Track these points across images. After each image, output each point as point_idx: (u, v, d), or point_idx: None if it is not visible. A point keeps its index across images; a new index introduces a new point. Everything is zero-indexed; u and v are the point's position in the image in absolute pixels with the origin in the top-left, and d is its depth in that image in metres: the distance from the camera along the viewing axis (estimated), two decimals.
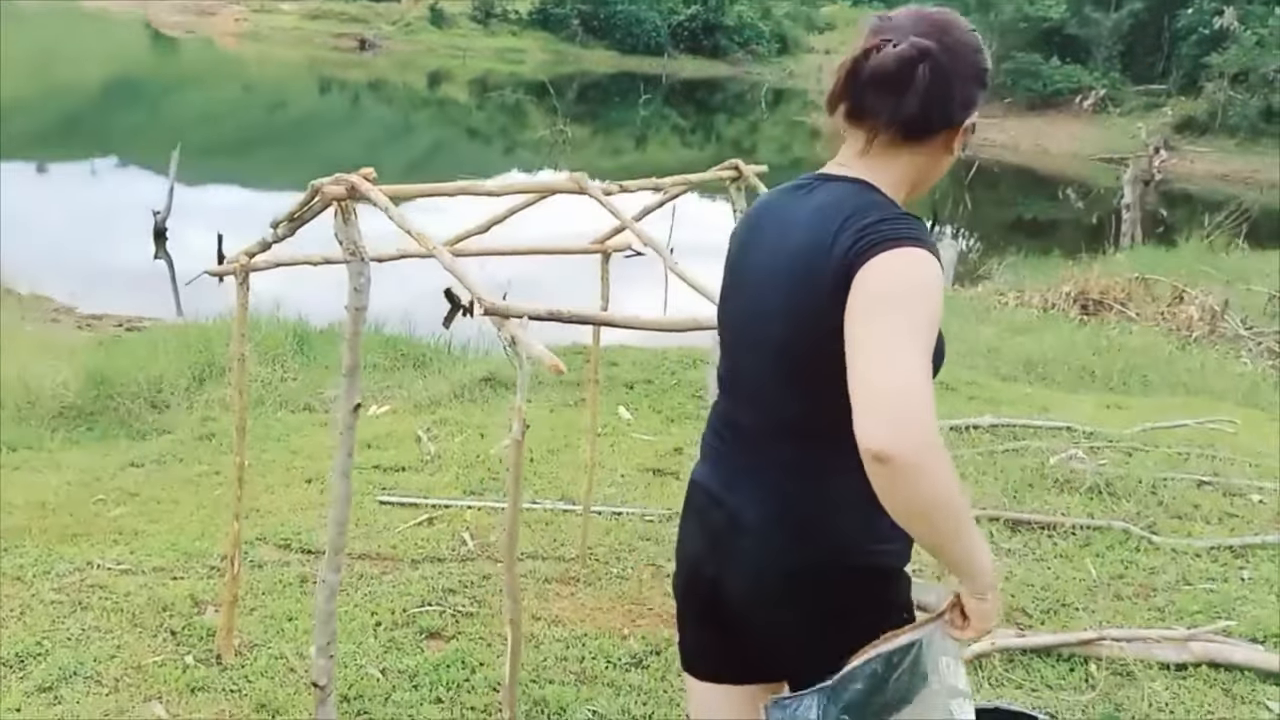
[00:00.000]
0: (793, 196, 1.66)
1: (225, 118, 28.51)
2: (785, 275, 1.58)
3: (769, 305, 1.61)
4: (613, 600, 3.64)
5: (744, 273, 1.70)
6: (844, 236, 1.50)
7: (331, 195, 2.29)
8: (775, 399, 1.63)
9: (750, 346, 1.66)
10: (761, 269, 1.64)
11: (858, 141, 1.62)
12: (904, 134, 1.58)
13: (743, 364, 1.69)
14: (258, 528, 4.00)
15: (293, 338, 7.17)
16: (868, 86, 1.57)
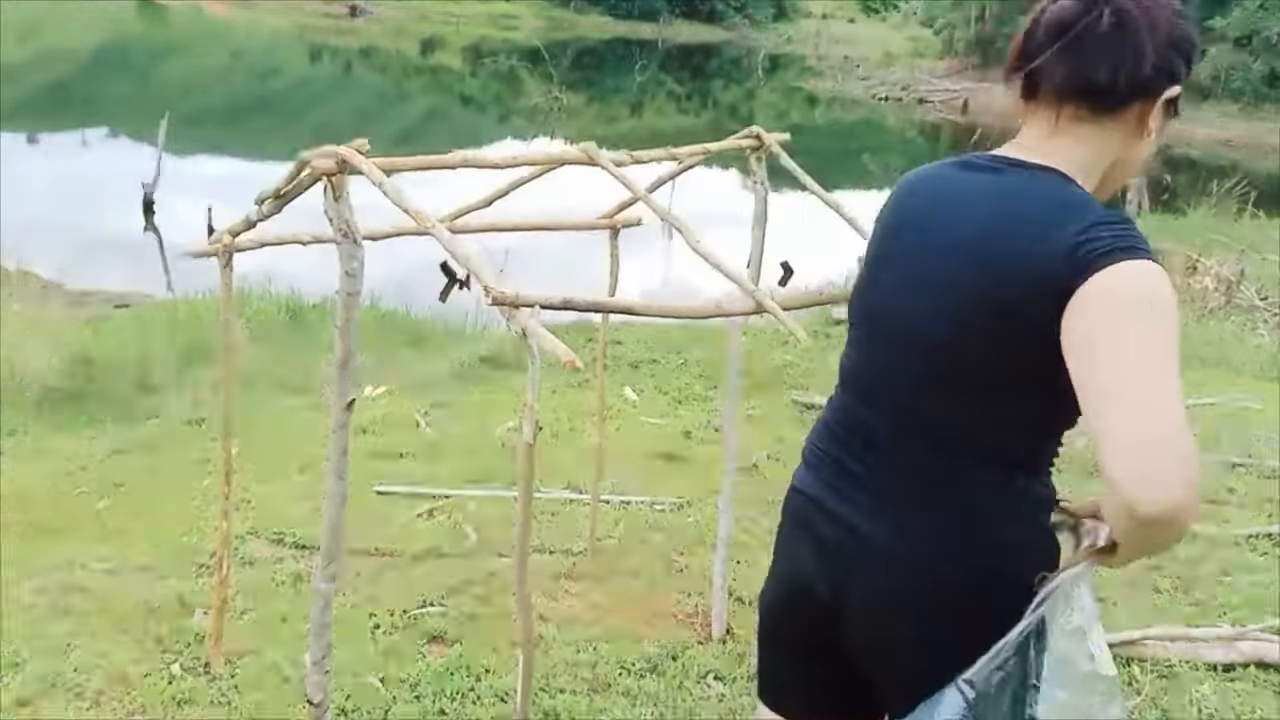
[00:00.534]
0: (967, 179, 1.44)
1: (214, 86, 28.08)
2: (964, 269, 1.36)
3: (935, 300, 1.39)
4: (625, 598, 3.44)
5: (898, 259, 1.47)
6: (1058, 237, 1.28)
7: (321, 169, 2.06)
8: (926, 403, 1.42)
9: (899, 342, 1.44)
10: (926, 258, 1.42)
11: (1041, 121, 1.41)
12: (1091, 105, 1.37)
13: (884, 361, 1.47)
14: (249, 521, 3.80)
15: (285, 313, 6.96)
16: (1044, 45, 1.37)
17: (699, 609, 3.41)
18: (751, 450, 4.59)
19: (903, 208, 1.50)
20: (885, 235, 1.51)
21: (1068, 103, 1.38)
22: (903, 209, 1.50)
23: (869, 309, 1.51)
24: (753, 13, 48.84)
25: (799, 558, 1.57)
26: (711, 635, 3.27)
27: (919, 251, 1.43)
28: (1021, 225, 1.32)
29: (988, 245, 1.34)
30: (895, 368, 1.44)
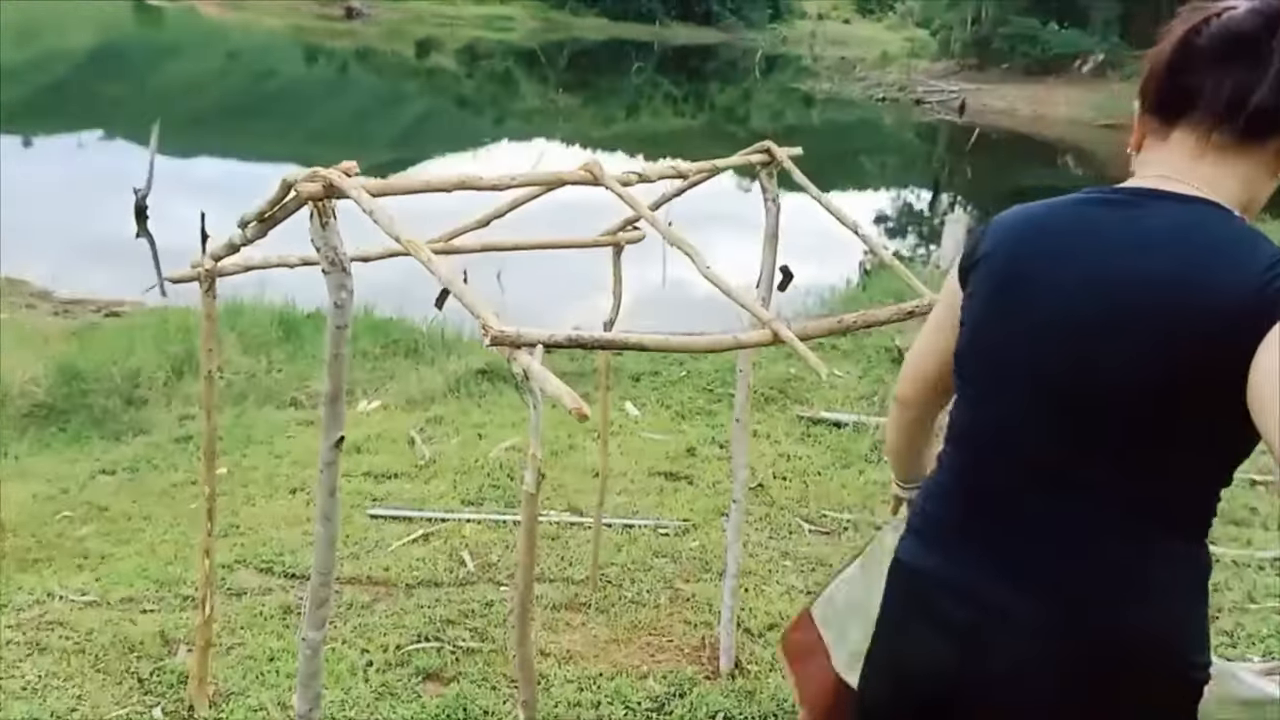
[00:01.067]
0: (1111, 216, 1.27)
1: (210, 88, 27.93)
2: (1127, 313, 1.21)
3: (1094, 349, 1.23)
4: (628, 630, 3.30)
5: (1039, 305, 1.28)
6: (1244, 274, 1.15)
7: (306, 194, 1.92)
8: (1083, 461, 1.25)
9: (1050, 395, 1.27)
10: (1076, 302, 1.25)
11: (1182, 147, 1.27)
12: (1246, 131, 1.23)
13: (1027, 417, 1.30)
14: (236, 548, 3.65)
15: (277, 325, 6.81)
16: (1206, 60, 1.22)
17: (706, 641, 3.27)
18: (756, 468, 4.45)
19: (1031, 249, 1.31)
20: (1011, 281, 1.32)
21: (1221, 127, 1.23)
22: (1031, 251, 1.31)
23: (999, 362, 1.33)
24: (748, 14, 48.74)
25: (918, 643, 1.39)
26: (719, 670, 3.13)
27: (1070, 297, 1.26)
28: (1198, 263, 1.18)
29: (1163, 285, 1.19)
30: (1042, 424, 1.28)
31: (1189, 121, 1.25)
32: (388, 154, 20.06)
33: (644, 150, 22.35)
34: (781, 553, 3.88)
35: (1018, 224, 1.34)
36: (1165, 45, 1.26)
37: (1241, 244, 1.18)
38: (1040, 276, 1.29)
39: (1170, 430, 1.20)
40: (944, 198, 18.68)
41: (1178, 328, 1.17)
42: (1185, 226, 1.21)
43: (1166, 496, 1.24)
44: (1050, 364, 1.26)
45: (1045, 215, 1.33)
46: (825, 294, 9.48)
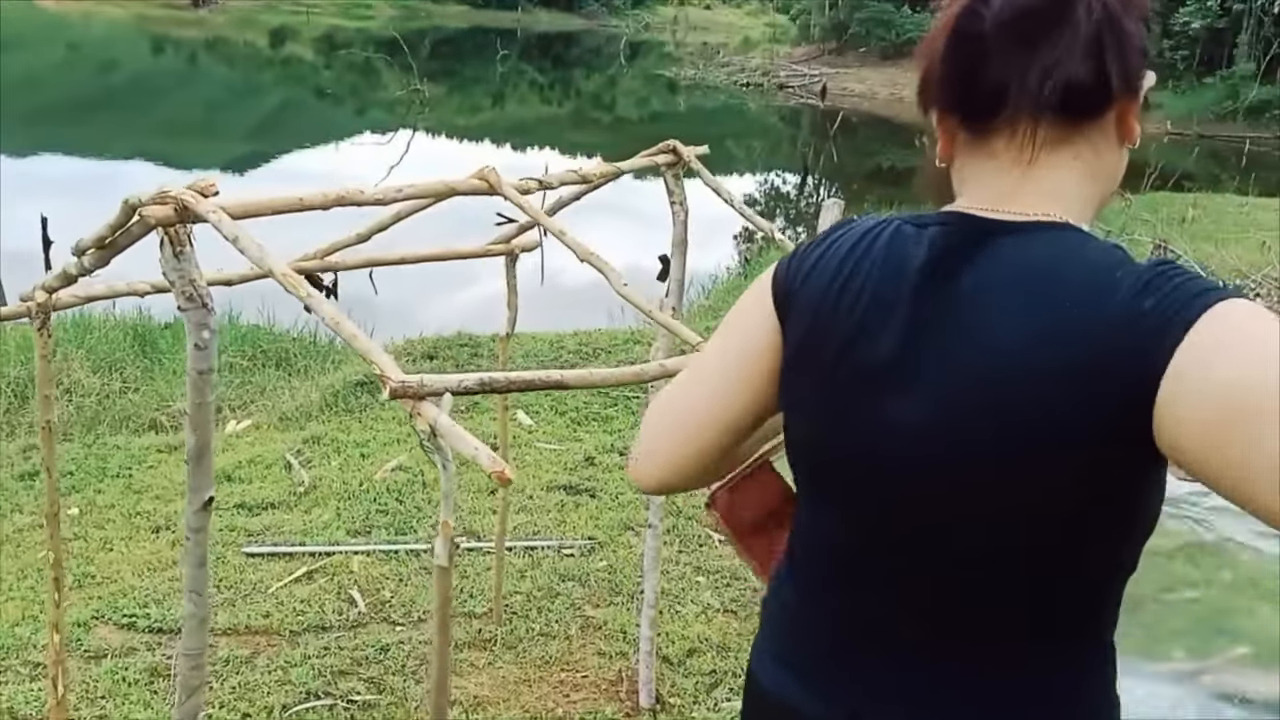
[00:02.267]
0: (949, 268, 0.99)
1: (50, 81, 26.37)
2: (1009, 391, 0.92)
3: (974, 440, 0.95)
4: (539, 668, 3.06)
5: (874, 384, 1.01)
6: (1119, 316, 0.88)
7: (156, 219, 1.62)
8: (972, 574, 1.00)
9: (912, 498, 1.00)
10: (937, 385, 0.97)
11: (1006, 153, 1.01)
12: (1074, 114, 0.98)
13: (892, 527, 1.03)
14: (94, 602, 3.27)
15: (131, 339, 6.30)
16: (1004, 46, 0.97)
17: (622, 674, 3.05)
18: None
19: (852, 301, 1.02)
20: (835, 344, 1.03)
21: (1046, 117, 0.98)
22: (853, 303, 1.02)
23: (841, 456, 1.05)
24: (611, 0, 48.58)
25: None
26: (639, 705, 2.92)
27: (909, 372, 0.98)
28: (1061, 314, 0.91)
29: (1028, 351, 0.91)
30: (912, 534, 1.01)
31: (1005, 121, 1.00)
32: (244, 146, 19.22)
33: (512, 139, 21.99)
34: (694, 568, 3.69)
35: (830, 264, 1.06)
36: (943, 38, 1.01)
37: (1104, 271, 0.92)
38: (880, 348, 1.00)
39: (1075, 525, 0.96)
40: (810, 180, 18.86)
41: (1057, 400, 0.90)
42: (1042, 268, 0.95)
43: (1078, 600, 1.02)
44: (918, 475, 0.99)
45: (861, 254, 1.04)
46: (706, 283, 9.36)
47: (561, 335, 6.44)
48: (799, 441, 1.10)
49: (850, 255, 1.05)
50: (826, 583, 1.11)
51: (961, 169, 1.06)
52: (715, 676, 3.05)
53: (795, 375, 1.08)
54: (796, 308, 1.07)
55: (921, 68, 1.05)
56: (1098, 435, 0.89)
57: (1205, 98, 23.86)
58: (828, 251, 1.07)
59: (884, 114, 27.69)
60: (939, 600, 1.02)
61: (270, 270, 1.56)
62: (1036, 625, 1.01)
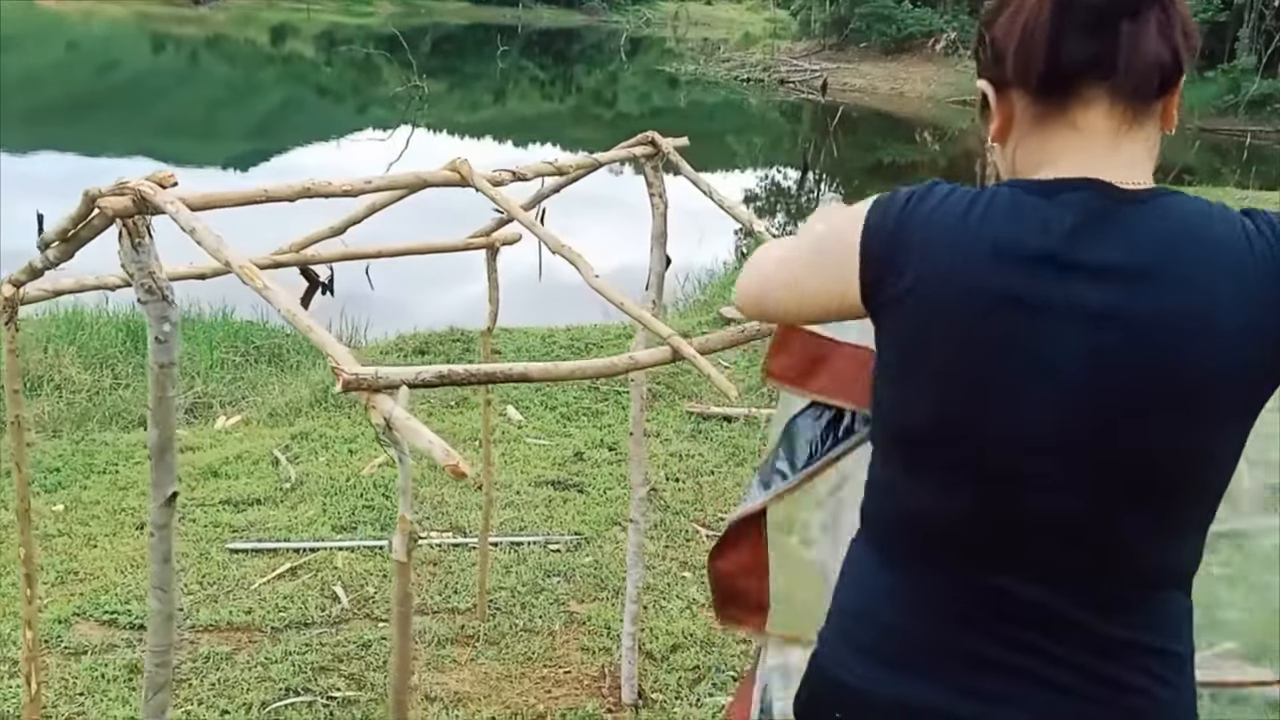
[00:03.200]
0: (1102, 233, 0.99)
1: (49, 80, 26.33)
2: (1146, 362, 0.97)
3: (1118, 409, 0.98)
4: (522, 663, 3.04)
5: (1034, 363, 0.99)
6: (1254, 256, 0.97)
7: (114, 210, 1.60)
8: (1117, 548, 1.02)
9: (1066, 473, 1.00)
10: (1068, 358, 0.98)
11: (1096, 126, 1.03)
12: (1146, 98, 1.04)
13: (1033, 503, 1.02)
14: (76, 599, 3.26)
15: (123, 335, 6.28)
16: (1096, 21, 1.00)
17: (606, 670, 3.03)
18: (649, 471, 4.22)
19: (993, 263, 1.00)
20: (979, 308, 1.00)
21: (1136, 95, 1.03)
22: (995, 266, 1.00)
23: (978, 437, 1.02)
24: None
25: None
26: (622, 701, 2.91)
27: (1060, 354, 0.99)
28: (1204, 280, 0.96)
29: (1175, 316, 0.97)
30: (1069, 509, 1.01)
31: (1094, 96, 1.03)
32: (245, 144, 19.20)
33: (513, 135, 21.97)
34: (680, 563, 3.67)
35: (955, 241, 1.02)
36: (1035, 11, 1.02)
37: (1226, 222, 1.00)
38: (1000, 346, 1.00)
39: (1213, 492, 1.04)
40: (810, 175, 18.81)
41: (1210, 376, 0.97)
42: (1176, 230, 0.99)
43: (1196, 553, 1.08)
44: (1067, 445, 1.00)
45: (996, 227, 1.01)
46: (703, 278, 9.32)
47: (554, 330, 6.42)
48: (917, 408, 1.06)
49: (970, 215, 1.02)
50: (949, 564, 1.08)
51: (1027, 143, 1.07)
52: (699, 672, 3.03)
53: (919, 338, 1.04)
54: (913, 265, 1.03)
55: (1000, 39, 1.06)
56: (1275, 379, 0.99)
57: (1206, 91, 23.77)
58: (938, 208, 1.04)
59: (884, 109, 27.62)
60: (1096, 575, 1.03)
61: (227, 262, 1.54)
62: (1180, 579, 1.07)
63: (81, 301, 6.65)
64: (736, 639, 3.20)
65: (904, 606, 1.11)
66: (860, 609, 1.16)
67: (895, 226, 1.05)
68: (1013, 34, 1.03)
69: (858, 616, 1.15)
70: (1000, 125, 1.09)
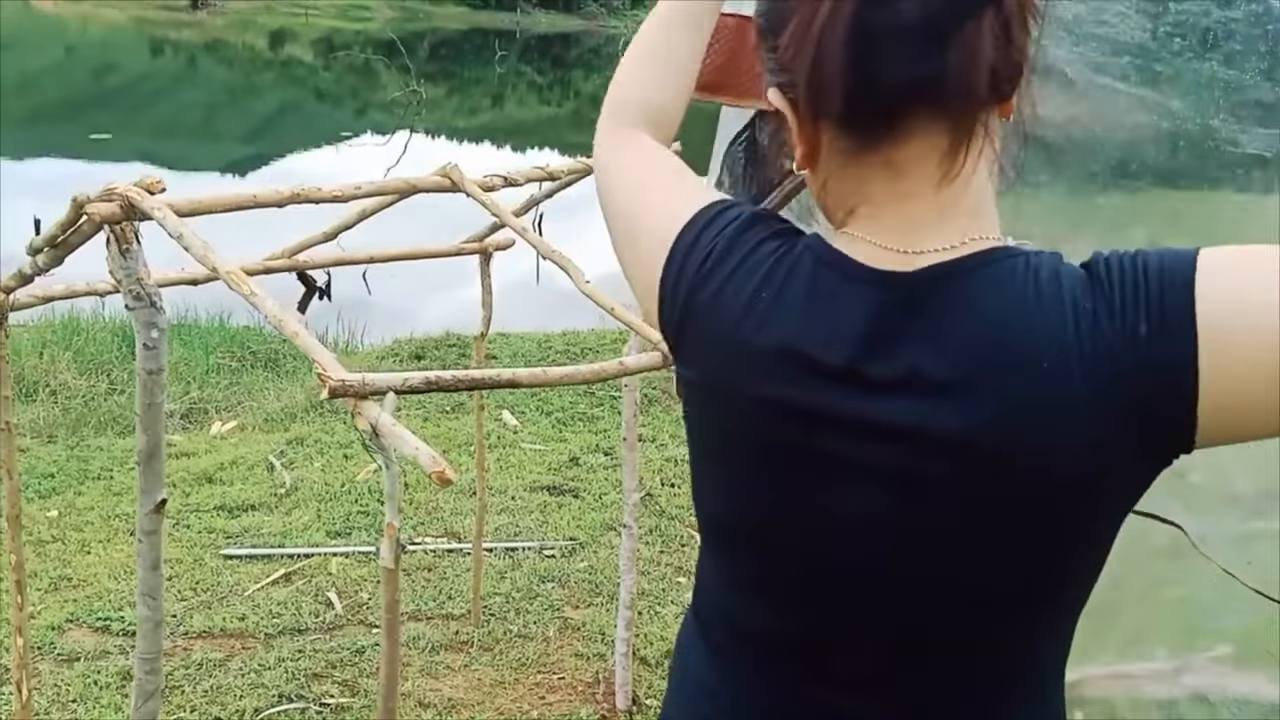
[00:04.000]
0: (853, 351, 0.84)
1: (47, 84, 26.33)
2: (952, 486, 0.82)
3: (923, 536, 0.84)
4: (516, 670, 3.03)
5: (813, 484, 0.87)
6: (1108, 334, 0.78)
7: (101, 216, 1.59)
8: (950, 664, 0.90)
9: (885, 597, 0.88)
10: (870, 477, 0.84)
11: (913, 169, 0.83)
12: (967, 121, 0.83)
13: (853, 621, 0.90)
14: (69, 605, 3.25)
15: (119, 341, 6.27)
16: (929, 29, 0.77)
17: (600, 676, 3.02)
18: (644, 476, 4.22)
19: (779, 361, 0.86)
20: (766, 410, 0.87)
21: (949, 126, 0.82)
22: (781, 364, 0.86)
23: (779, 545, 0.91)
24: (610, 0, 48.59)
25: None
26: (616, 707, 2.90)
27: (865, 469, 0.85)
28: (1027, 381, 0.79)
29: (993, 435, 0.80)
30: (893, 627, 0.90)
31: (915, 128, 0.82)
32: (243, 148, 19.18)
33: (512, 140, 21.96)
34: (675, 568, 3.67)
35: (740, 338, 0.87)
36: (828, 26, 0.79)
37: (1079, 285, 0.80)
38: (828, 439, 0.85)
39: (1066, 585, 0.89)
40: None
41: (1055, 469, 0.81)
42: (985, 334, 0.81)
43: (1044, 643, 0.95)
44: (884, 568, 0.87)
45: (786, 327, 0.86)
46: None
47: (550, 335, 6.41)
48: (717, 499, 0.96)
49: (757, 303, 0.86)
50: (782, 678, 0.95)
51: (838, 183, 0.87)
52: None
53: (713, 432, 0.93)
54: (698, 336, 0.90)
55: (788, 59, 0.83)
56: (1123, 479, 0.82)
57: None
58: (726, 286, 0.88)
59: None
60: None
61: (215, 268, 1.53)
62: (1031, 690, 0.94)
63: (77, 307, 6.64)
64: None
65: (722, 700, 1.00)
66: (688, 691, 1.06)
67: (688, 296, 0.90)
68: (804, 55, 0.80)
69: (688, 700, 1.06)
70: (805, 153, 0.87)
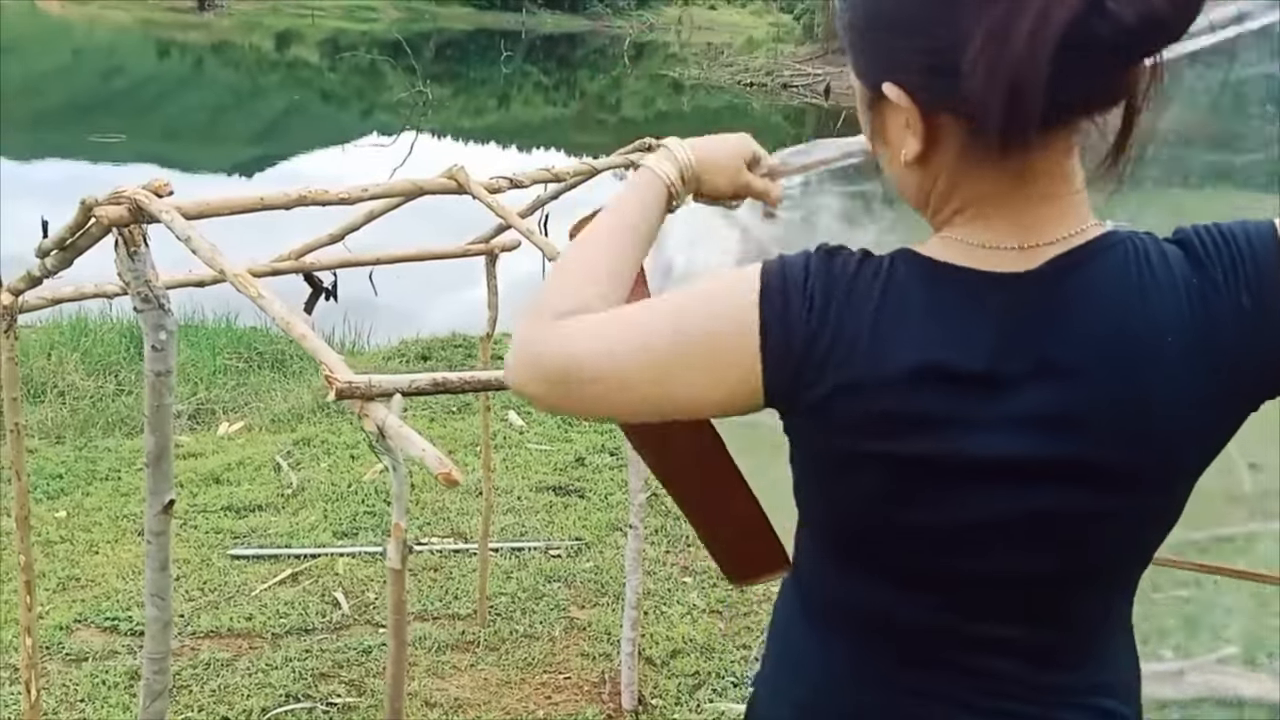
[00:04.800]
0: (984, 356, 0.86)
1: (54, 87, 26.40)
2: (1081, 458, 0.87)
3: (1054, 507, 0.89)
4: (522, 669, 3.04)
5: (949, 476, 0.89)
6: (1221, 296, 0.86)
7: (110, 219, 1.60)
8: (1057, 614, 0.97)
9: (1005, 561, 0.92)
10: (1004, 465, 0.88)
11: (1047, 168, 0.86)
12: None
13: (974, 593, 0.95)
14: (77, 605, 3.27)
15: (127, 342, 6.29)
16: (1130, 54, 0.81)
17: (605, 675, 3.03)
18: (649, 476, 4.22)
19: (907, 406, 0.87)
20: (916, 430, 0.88)
21: (1080, 136, 0.87)
22: (907, 409, 0.87)
23: (915, 539, 0.94)
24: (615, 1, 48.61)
25: None
26: (622, 707, 2.91)
27: (999, 457, 0.89)
28: (1150, 358, 0.86)
29: (1122, 413, 0.87)
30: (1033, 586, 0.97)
31: (1058, 138, 0.85)
32: (250, 150, 19.21)
33: (518, 140, 21.98)
34: (681, 568, 3.67)
35: (871, 353, 0.87)
36: (1033, 38, 0.76)
37: (1171, 302, 0.86)
38: (962, 437, 0.87)
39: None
40: None
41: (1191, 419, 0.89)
42: (1103, 318, 0.86)
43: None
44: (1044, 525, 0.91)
45: (913, 341, 0.86)
46: None
47: None
48: (849, 511, 0.96)
49: (881, 318, 0.86)
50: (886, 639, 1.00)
51: (951, 179, 0.89)
52: (699, 678, 3.03)
53: (844, 446, 0.91)
54: (829, 374, 0.87)
55: (973, 63, 0.79)
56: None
57: None
58: (847, 304, 0.87)
59: None
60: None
61: (222, 270, 1.54)
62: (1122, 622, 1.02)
63: (85, 308, 6.66)
64: (737, 644, 3.20)
65: (838, 671, 1.03)
66: (794, 665, 1.07)
67: (803, 352, 0.88)
68: (1000, 65, 0.77)
69: (794, 672, 1.07)
70: (923, 151, 0.88)
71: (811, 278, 0.88)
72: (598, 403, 0.92)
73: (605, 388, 0.90)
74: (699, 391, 0.90)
